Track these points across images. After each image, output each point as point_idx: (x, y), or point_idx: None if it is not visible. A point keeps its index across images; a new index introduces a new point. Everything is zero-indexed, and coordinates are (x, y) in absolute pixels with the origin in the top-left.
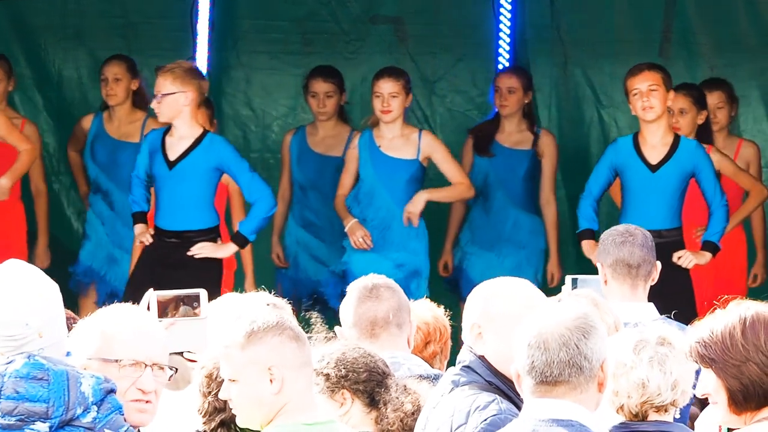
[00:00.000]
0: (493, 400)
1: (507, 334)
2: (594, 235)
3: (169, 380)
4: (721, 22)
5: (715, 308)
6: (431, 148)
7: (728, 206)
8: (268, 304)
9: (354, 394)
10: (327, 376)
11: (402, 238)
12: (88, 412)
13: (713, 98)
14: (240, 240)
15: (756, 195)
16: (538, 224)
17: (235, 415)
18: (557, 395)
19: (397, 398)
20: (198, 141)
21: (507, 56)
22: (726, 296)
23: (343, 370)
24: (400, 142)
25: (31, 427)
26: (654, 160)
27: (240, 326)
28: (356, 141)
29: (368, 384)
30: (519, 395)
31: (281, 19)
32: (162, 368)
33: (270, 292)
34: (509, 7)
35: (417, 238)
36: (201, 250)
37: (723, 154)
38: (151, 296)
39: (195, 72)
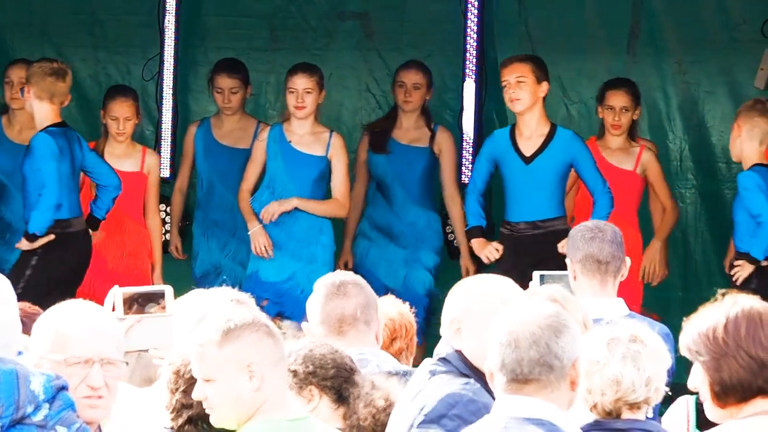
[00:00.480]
0: (465, 382)
1: (484, 331)
2: (483, 232)
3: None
4: (689, 19)
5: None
6: (336, 151)
7: (611, 193)
8: (232, 300)
9: (322, 390)
10: (295, 373)
11: (309, 233)
12: (39, 410)
13: (618, 99)
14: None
15: (672, 213)
16: (435, 221)
17: (203, 412)
18: (528, 393)
19: (368, 394)
20: None
21: (475, 52)
22: None
23: (311, 367)
24: (311, 139)
25: None
26: (528, 152)
27: (215, 324)
28: (265, 134)
29: (336, 380)
30: (492, 392)
31: (249, 16)
32: (113, 363)
33: (234, 288)
34: (477, 2)
35: (323, 233)
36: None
37: (656, 159)
38: (116, 293)
39: None
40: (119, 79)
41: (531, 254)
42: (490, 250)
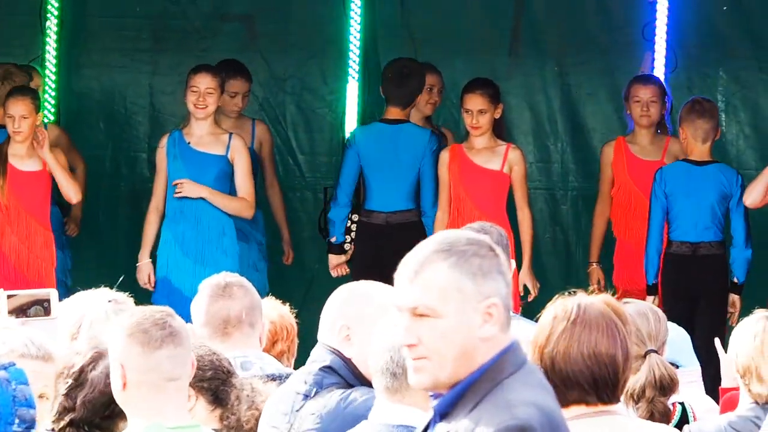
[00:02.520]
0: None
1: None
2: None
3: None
4: (571, 21)
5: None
6: (237, 152)
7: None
8: (109, 301)
9: (198, 392)
10: None
11: (210, 233)
12: None
13: (474, 101)
14: None
15: (526, 220)
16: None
17: (85, 415)
18: (409, 402)
19: (249, 397)
20: None
21: (358, 53)
22: None
23: None
24: (211, 139)
25: None
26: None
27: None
28: (164, 140)
29: (213, 382)
30: None
31: (132, 17)
32: None
33: (112, 288)
34: (360, 4)
35: (225, 234)
36: None
37: (522, 159)
38: (1, 296)
39: None
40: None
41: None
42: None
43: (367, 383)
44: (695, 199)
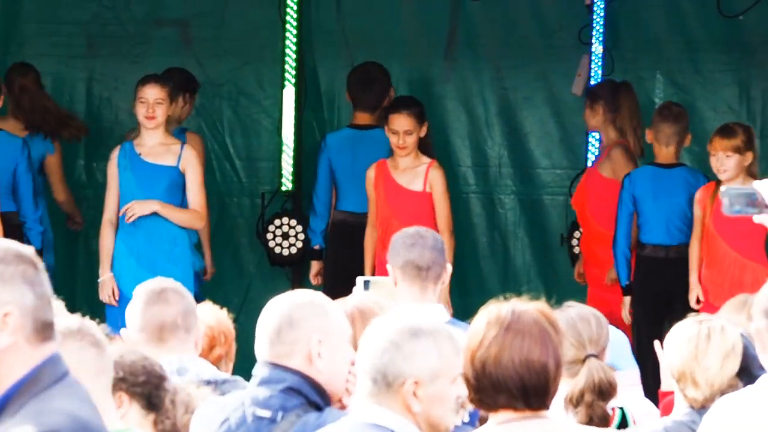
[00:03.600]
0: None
1: (340, 352)
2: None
3: None
4: (506, 25)
5: None
6: (188, 163)
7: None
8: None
9: (132, 397)
10: None
11: (161, 245)
12: None
13: (402, 122)
14: None
15: (447, 240)
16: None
17: None
18: (387, 405)
19: (185, 401)
20: None
21: (295, 58)
22: None
23: (121, 373)
24: (161, 149)
25: None
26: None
27: None
28: (115, 154)
29: (146, 387)
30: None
31: (66, 23)
32: None
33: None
34: (295, 9)
35: (177, 245)
36: None
37: (442, 177)
38: None
39: None
40: None
41: None
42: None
43: (329, 400)
44: (664, 201)
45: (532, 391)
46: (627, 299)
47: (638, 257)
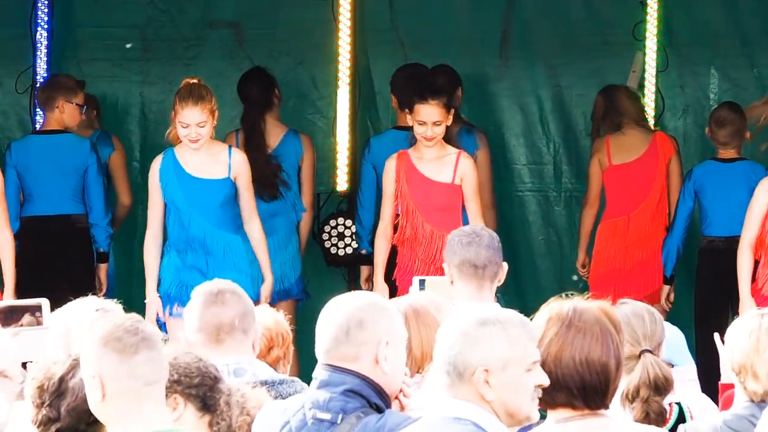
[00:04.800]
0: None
1: (403, 352)
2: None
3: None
4: (560, 22)
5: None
6: (239, 171)
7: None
8: (97, 310)
9: (186, 399)
10: None
11: (227, 258)
12: None
13: (431, 112)
14: None
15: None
16: None
17: (71, 423)
18: (462, 397)
19: (240, 402)
20: None
21: (349, 58)
22: None
23: (176, 375)
24: (209, 161)
25: None
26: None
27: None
28: (156, 165)
29: (200, 388)
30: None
31: (121, 26)
32: (7, 377)
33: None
34: (348, 8)
35: (236, 253)
36: None
37: (474, 168)
38: None
39: None
40: None
41: None
42: None
43: (389, 401)
44: (726, 195)
45: (591, 391)
46: (666, 288)
47: (700, 251)
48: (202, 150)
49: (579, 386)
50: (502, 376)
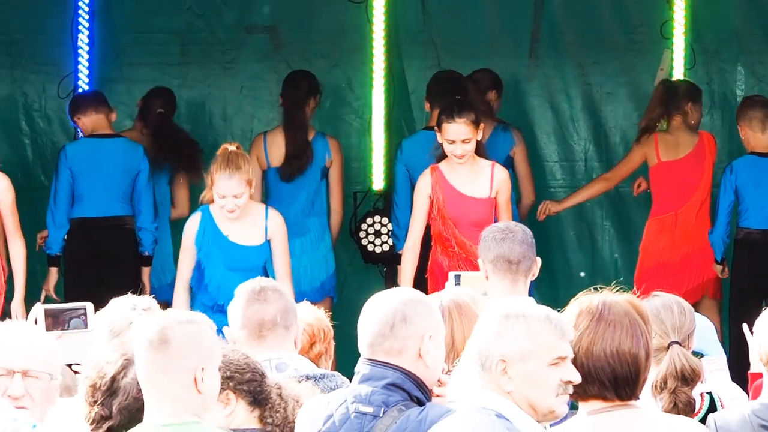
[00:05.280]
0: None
1: (443, 346)
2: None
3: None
4: (589, 22)
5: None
6: (275, 234)
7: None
8: (134, 308)
9: (238, 395)
10: None
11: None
12: None
13: (460, 131)
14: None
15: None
16: None
17: (123, 421)
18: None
19: (291, 394)
20: None
21: (383, 59)
22: None
23: (228, 372)
24: (246, 225)
25: None
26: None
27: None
28: (194, 223)
29: (251, 384)
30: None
31: (160, 32)
32: (35, 376)
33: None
34: (382, 11)
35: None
36: None
37: (508, 178)
38: (39, 310)
39: None
40: (36, 98)
41: None
42: None
43: (429, 394)
44: (764, 188)
45: (622, 382)
46: (719, 267)
47: (737, 242)
48: (239, 215)
49: (610, 378)
50: (522, 368)
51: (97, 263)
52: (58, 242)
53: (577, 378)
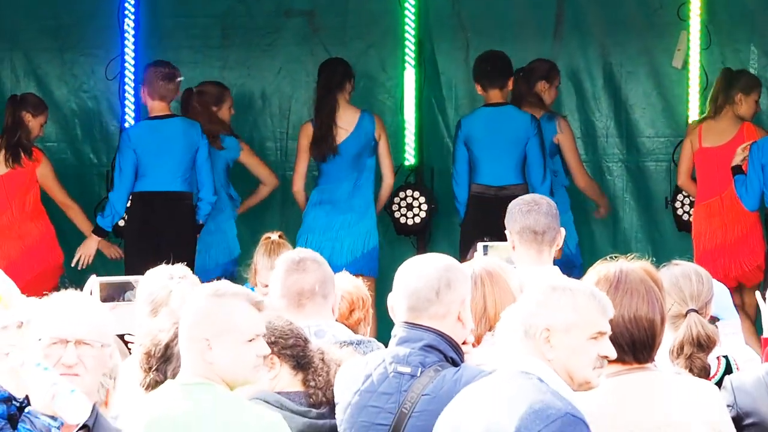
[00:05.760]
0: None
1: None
2: None
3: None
4: (610, 5)
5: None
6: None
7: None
8: (171, 278)
9: (283, 359)
10: None
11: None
12: None
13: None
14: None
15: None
16: None
17: None
18: (527, 353)
19: (334, 358)
20: None
21: (414, 42)
22: None
23: (272, 338)
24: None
25: None
26: None
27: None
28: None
29: (294, 349)
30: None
31: (202, 16)
32: (87, 344)
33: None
34: None
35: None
36: None
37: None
38: (94, 282)
39: None
40: (85, 80)
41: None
42: None
43: (463, 355)
44: None
45: (640, 346)
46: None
47: None
48: None
49: (629, 342)
50: (565, 338)
51: (157, 236)
52: (114, 220)
53: (613, 354)
